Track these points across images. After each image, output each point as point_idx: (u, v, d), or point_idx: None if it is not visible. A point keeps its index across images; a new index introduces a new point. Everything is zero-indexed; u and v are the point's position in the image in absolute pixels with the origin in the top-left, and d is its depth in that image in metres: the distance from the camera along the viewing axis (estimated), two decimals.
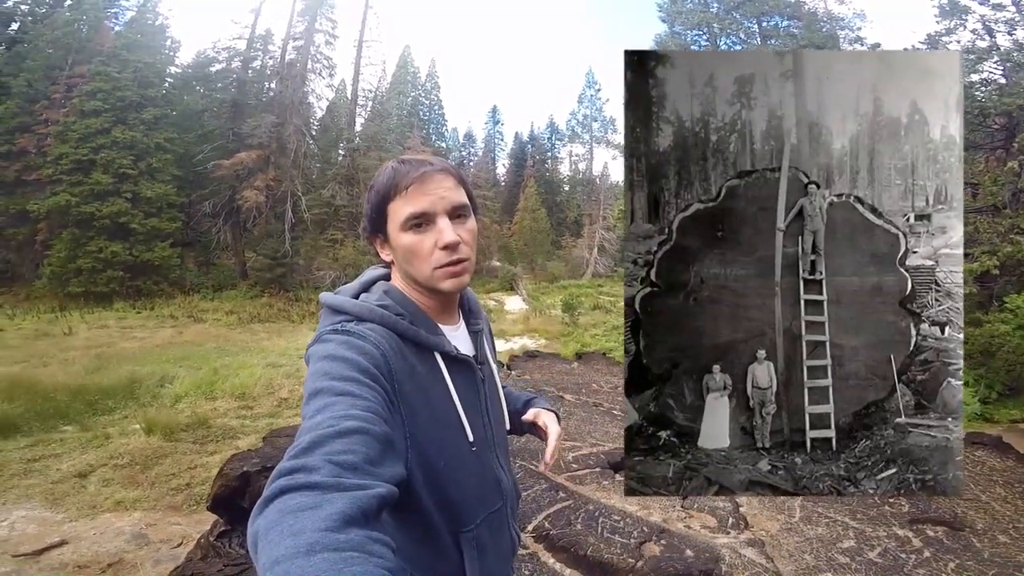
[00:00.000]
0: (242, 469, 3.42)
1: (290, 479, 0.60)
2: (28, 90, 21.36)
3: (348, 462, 0.64)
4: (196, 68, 27.60)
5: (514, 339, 14.96)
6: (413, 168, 0.93)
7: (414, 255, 0.93)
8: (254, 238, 25.34)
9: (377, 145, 27.35)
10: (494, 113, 47.92)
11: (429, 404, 0.90)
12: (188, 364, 9.99)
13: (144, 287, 20.24)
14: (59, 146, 20.12)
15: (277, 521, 0.55)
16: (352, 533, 0.54)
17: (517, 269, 29.22)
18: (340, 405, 0.72)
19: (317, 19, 26.78)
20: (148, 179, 21.01)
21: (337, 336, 0.85)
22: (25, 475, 5.19)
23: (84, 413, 7.12)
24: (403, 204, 0.91)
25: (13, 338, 13.06)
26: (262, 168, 23.34)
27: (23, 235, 20.50)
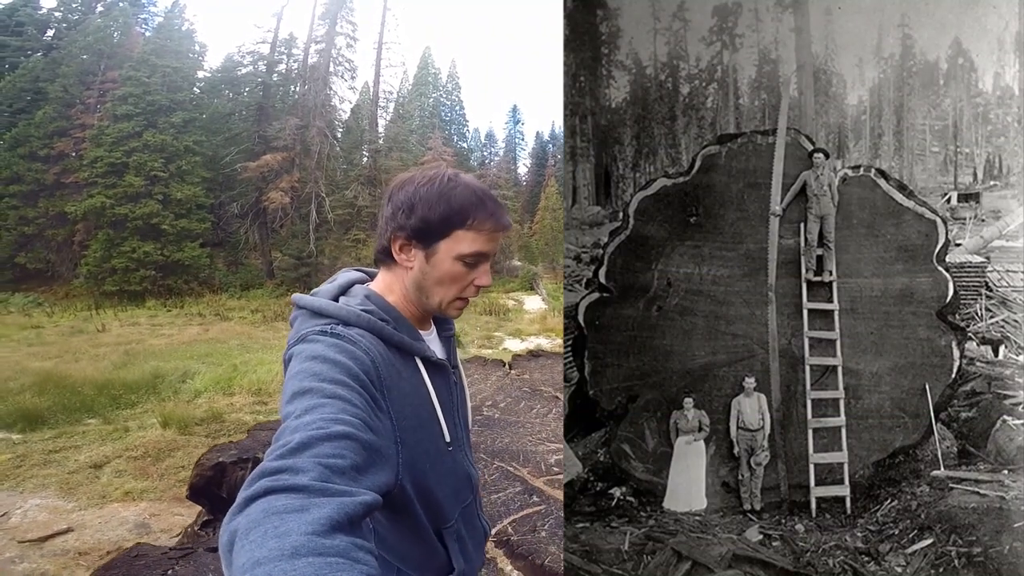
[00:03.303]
0: (217, 459, 3.71)
1: (275, 480, 0.63)
2: (64, 95, 23.46)
3: (337, 466, 0.67)
4: (224, 72, 30.74)
5: (529, 339, 15.47)
6: (499, 211, 1.00)
7: (453, 282, 1.00)
8: (281, 238, 27.84)
9: (399, 146, 29.71)
10: (514, 112, 49.52)
11: (414, 407, 0.97)
12: (210, 360, 10.81)
13: (175, 286, 22.01)
14: (94, 149, 22.10)
15: (260, 521, 0.57)
16: (338, 539, 0.57)
17: (538, 268, 31.25)
18: (330, 408, 0.76)
19: (337, 22, 29.38)
20: (178, 181, 22.94)
21: (326, 338, 0.90)
22: (44, 465, 5.79)
23: (108, 407, 7.78)
24: (474, 239, 0.98)
25: (51, 334, 14.41)
26: (287, 170, 26.21)
27: (62, 236, 22.53)
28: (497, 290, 23.91)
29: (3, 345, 12.57)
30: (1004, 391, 2.22)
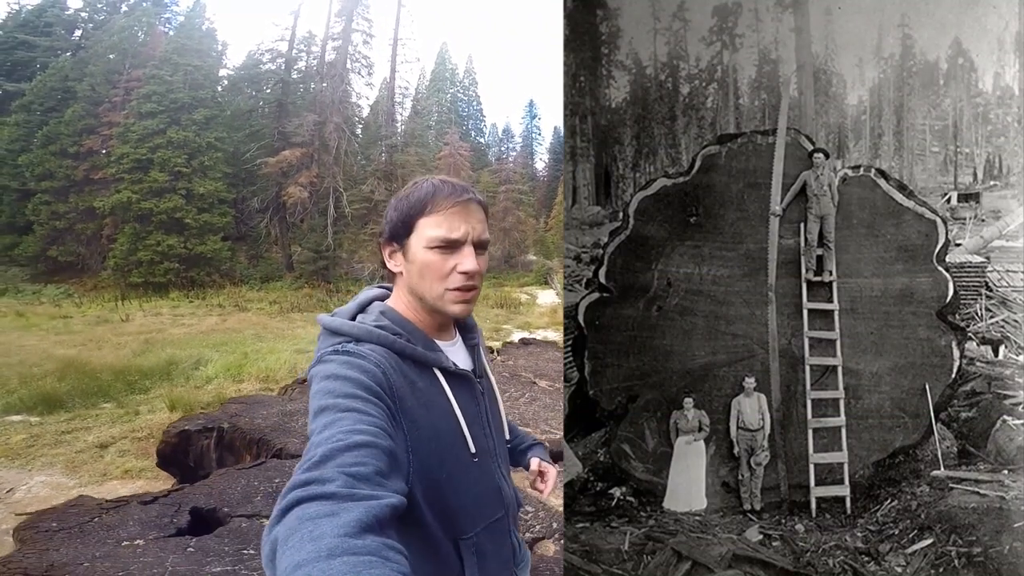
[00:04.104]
0: (183, 428, 3.92)
1: (305, 490, 0.67)
2: (92, 94, 24.48)
3: (360, 473, 0.72)
4: (245, 70, 31.56)
5: (538, 331, 15.95)
6: (456, 192, 1.01)
7: (432, 273, 1.00)
8: (300, 232, 28.58)
9: (416, 142, 30.43)
10: (531, 107, 49.23)
11: (430, 418, 0.98)
12: (225, 349, 11.29)
13: (197, 278, 23.00)
14: (120, 146, 23.18)
15: (296, 528, 0.62)
16: (369, 539, 0.61)
17: (553, 263, 31.25)
18: (347, 420, 0.80)
19: (353, 19, 30.02)
20: (200, 176, 23.83)
21: (338, 356, 0.93)
22: (55, 445, 6.16)
23: (123, 392, 8.23)
24: (437, 225, 0.99)
25: (78, 324, 15.14)
26: (306, 165, 26.09)
27: (91, 230, 23.73)
28: (511, 284, 24.42)
29: (33, 334, 13.22)
30: (1004, 391, 2.20)
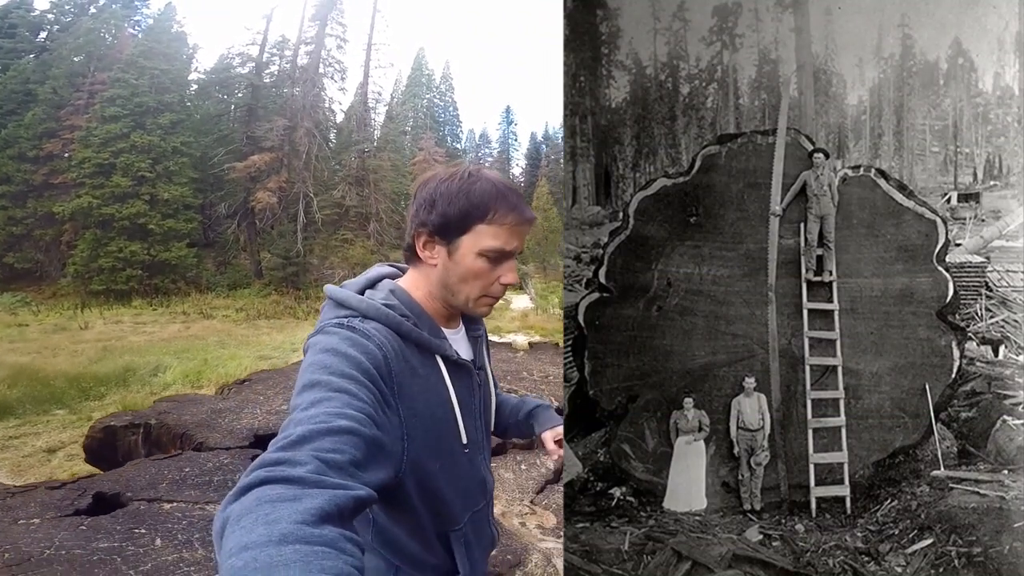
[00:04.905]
0: (109, 424, 4.02)
1: (272, 471, 0.64)
2: (54, 97, 23.75)
3: (335, 461, 0.69)
4: (216, 73, 30.86)
5: (508, 335, 15.93)
6: (521, 206, 0.99)
7: (477, 279, 1.00)
8: (269, 238, 27.90)
9: (389, 147, 30.10)
10: (508, 113, 49.15)
11: (428, 405, 0.97)
12: (185, 356, 11.21)
13: (161, 285, 22.32)
14: (82, 151, 22.39)
15: (252, 508, 0.59)
16: (326, 529, 0.58)
17: (528, 268, 31.02)
18: (336, 402, 0.77)
19: (327, 24, 29.53)
20: (165, 181, 23.26)
21: (341, 331, 0.90)
22: (2, 450, 6.11)
23: (77, 398, 8.11)
24: (496, 236, 0.97)
25: (34, 332, 14.85)
26: (275, 170, 25.64)
27: (50, 236, 22.88)
28: None
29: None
30: (1004, 391, 2.18)
